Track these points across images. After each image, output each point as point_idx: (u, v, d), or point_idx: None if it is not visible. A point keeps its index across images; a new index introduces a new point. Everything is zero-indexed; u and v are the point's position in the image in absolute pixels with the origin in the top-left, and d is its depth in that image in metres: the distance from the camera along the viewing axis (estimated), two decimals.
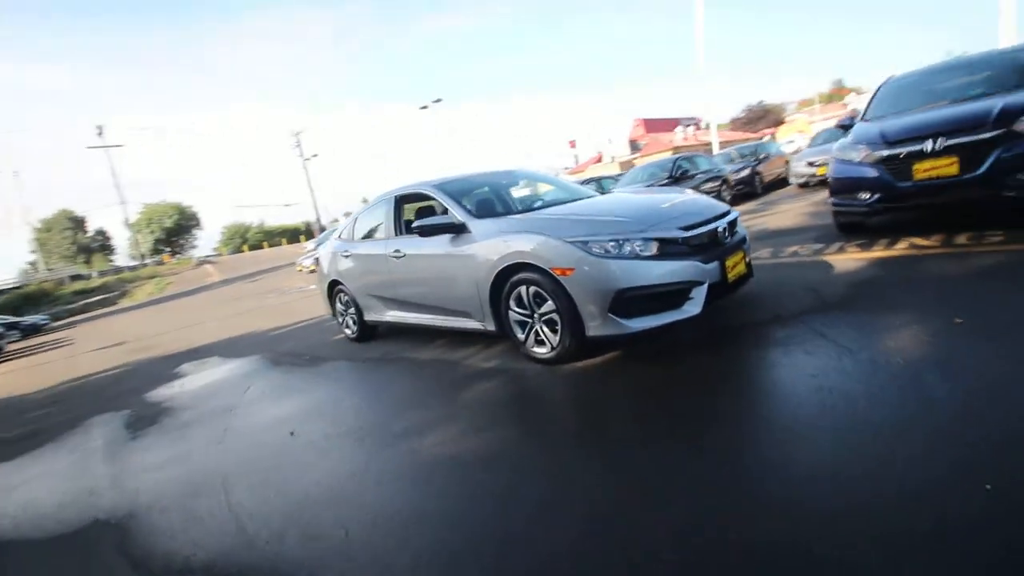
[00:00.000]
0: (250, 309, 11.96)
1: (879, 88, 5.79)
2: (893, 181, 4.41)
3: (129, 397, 5.09)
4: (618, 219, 3.09)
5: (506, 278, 3.35)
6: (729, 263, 3.11)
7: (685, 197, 3.60)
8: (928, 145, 4.18)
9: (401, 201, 4.52)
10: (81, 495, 2.90)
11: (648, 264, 2.88)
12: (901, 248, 4.29)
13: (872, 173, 4.56)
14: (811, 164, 12.05)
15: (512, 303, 3.37)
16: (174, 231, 52.18)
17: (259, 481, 2.57)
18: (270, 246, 53.89)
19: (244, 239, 62.60)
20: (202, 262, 43.79)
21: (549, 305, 3.13)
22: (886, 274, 3.70)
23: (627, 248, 2.91)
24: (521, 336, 3.40)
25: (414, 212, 4.69)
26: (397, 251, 4.29)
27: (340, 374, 4.35)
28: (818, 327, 2.94)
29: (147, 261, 48.05)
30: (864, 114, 5.56)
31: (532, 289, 3.20)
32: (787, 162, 14.41)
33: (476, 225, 3.62)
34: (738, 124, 49.35)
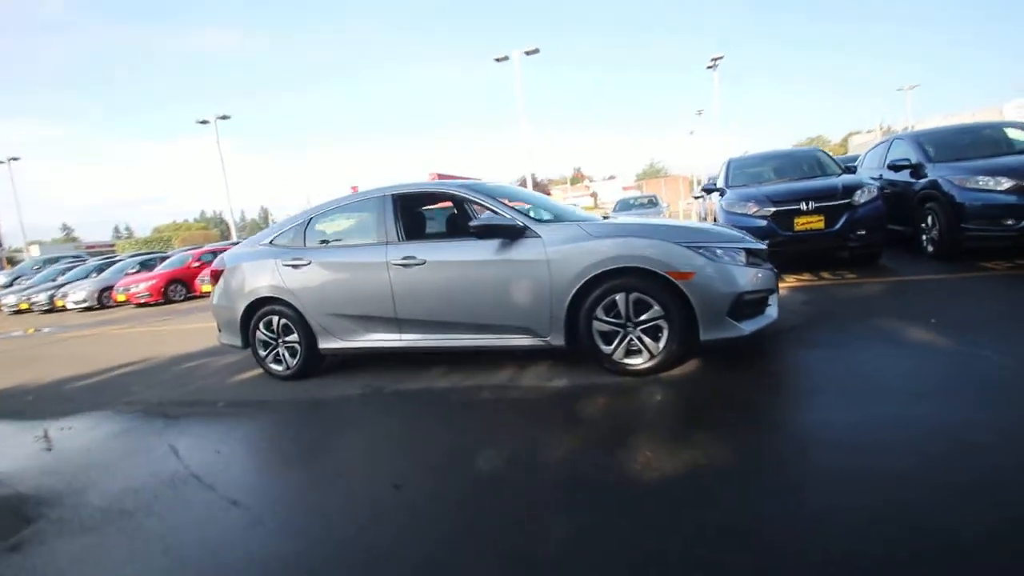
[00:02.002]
0: None
1: (729, 165, 7.51)
2: (779, 230, 5.74)
3: None
4: (713, 229, 3.26)
5: (594, 286, 3.13)
6: None
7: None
8: (803, 205, 5.64)
9: (401, 201, 3.80)
10: None
11: (751, 270, 3.10)
12: (792, 282, 5.53)
13: (762, 223, 5.84)
14: None
15: (601, 312, 3.15)
16: None
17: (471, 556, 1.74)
18: None
19: None
20: None
21: (655, 311, 3.04)
22: (814, 298, 4.72)
23: (730, 255, 3.09)
24: (607, 348, 3.17)
25: (411, 216, 3.99)
26: (408, 258, 3.55)
27: (323, 417, 3.27)
28: (840, 330, 3.58)
29: None
30: (727, 182, 7.13)
31: (634, 295, 3.07)
32: None
33: (545, 229, 3.31)
34: None
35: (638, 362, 3.14)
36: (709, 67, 22.67)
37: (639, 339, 3.11)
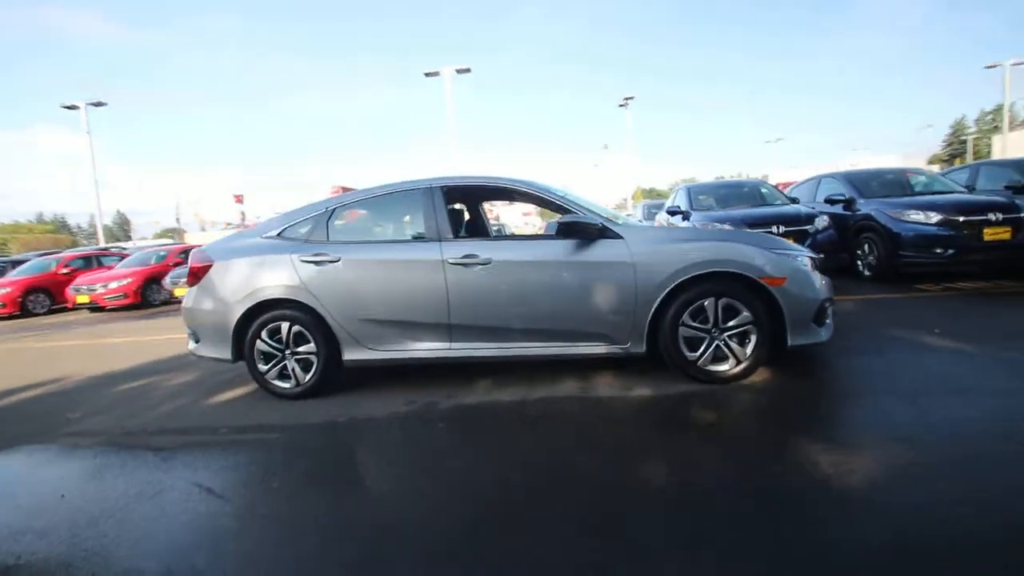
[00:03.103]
0: None
1: (689, 191, 7.99)
2: None
3: None
4: (775, 238, 3.35)
5: (682, 290, 3.04)
6: None
7: None
8: (775, 229, 6.13)
9: (452, 194, 3.42)
10: None
11: (821, 277, 3.21)
12: None
13: None
14: None
15: (688, 317, 3.05)
16: None
17: None
18: None
19: None
20: None
21: (744, 316, 3.01)
22: None
23: (807, 263, 3.18)
24: (692, 355, 3.07)
25: (461, 212, 3.62)
26: (470, 256, 3.18)
27: (384, 441, 2.75)
28: (869, 339, 3.85)
29: None
30: (691, 206, 7.55)
31: (724, 301, 3.02)
32: None
33: (626, 231, 3.16)
34: None
35: (724, 368, 3.08)
36: (621, 105, 24.50)
37: (726, 345, 3.06)
